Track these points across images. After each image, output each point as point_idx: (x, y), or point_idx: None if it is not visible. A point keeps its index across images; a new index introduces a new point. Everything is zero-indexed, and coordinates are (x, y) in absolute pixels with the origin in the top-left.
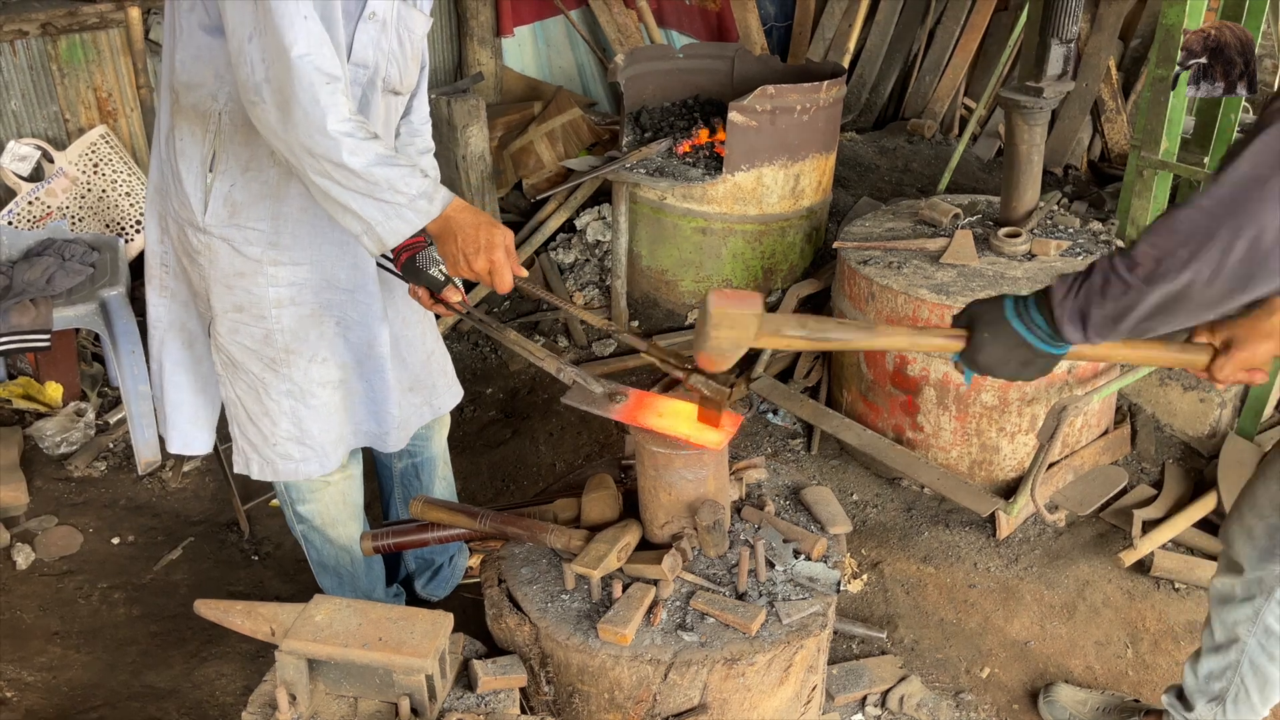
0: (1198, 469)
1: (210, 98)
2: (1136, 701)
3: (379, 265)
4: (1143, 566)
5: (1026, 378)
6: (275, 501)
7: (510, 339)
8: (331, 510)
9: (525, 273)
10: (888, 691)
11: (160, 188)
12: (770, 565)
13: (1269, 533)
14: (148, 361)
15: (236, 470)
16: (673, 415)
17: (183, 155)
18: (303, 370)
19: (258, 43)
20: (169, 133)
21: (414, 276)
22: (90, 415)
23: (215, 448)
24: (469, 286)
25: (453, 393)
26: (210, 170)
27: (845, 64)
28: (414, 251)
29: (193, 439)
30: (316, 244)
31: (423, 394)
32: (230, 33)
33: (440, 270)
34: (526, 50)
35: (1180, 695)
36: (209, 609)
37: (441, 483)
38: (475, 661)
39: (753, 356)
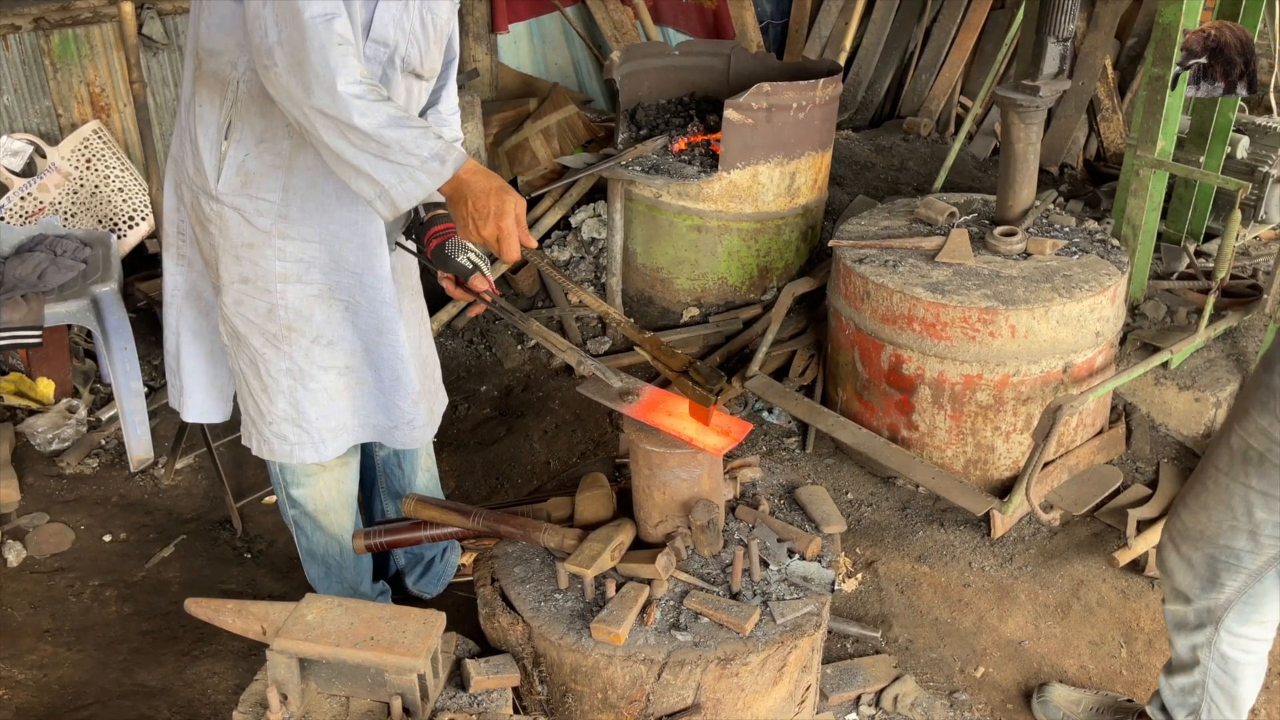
0: (1192, 468)
1: (230, 65)
2: (1130, 701)
3: (403, 249)
4: (1137, 566)
5: None
6: (269, 499)
7: (534, 329)
8: (325, 497)
9: (534, 243)
10: (882, 691)
11: (178, 155)
12: (764, 565)
13: (1207, 562)
14: (164, 330)
15: (241, 442)
16: (682, 416)
17: (201, 121)
18: (304, 350)
19: (271, 6)
20: (190, 99)
21: (442, 263)
22: (82, 412)
23: (208, 444)
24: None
25: (441, 398)
26: (225, 138)
27: (841, 62)
28: (444, 238)
29: (209, 408)
30: (324, 221)
31: (425, 400)
32: None
33: (469, 258)
34: (522, 47)
35: (1163, 708)
36: (200, 608)
37: (424, 474)
38: (468, 661)
39: (748, 355)
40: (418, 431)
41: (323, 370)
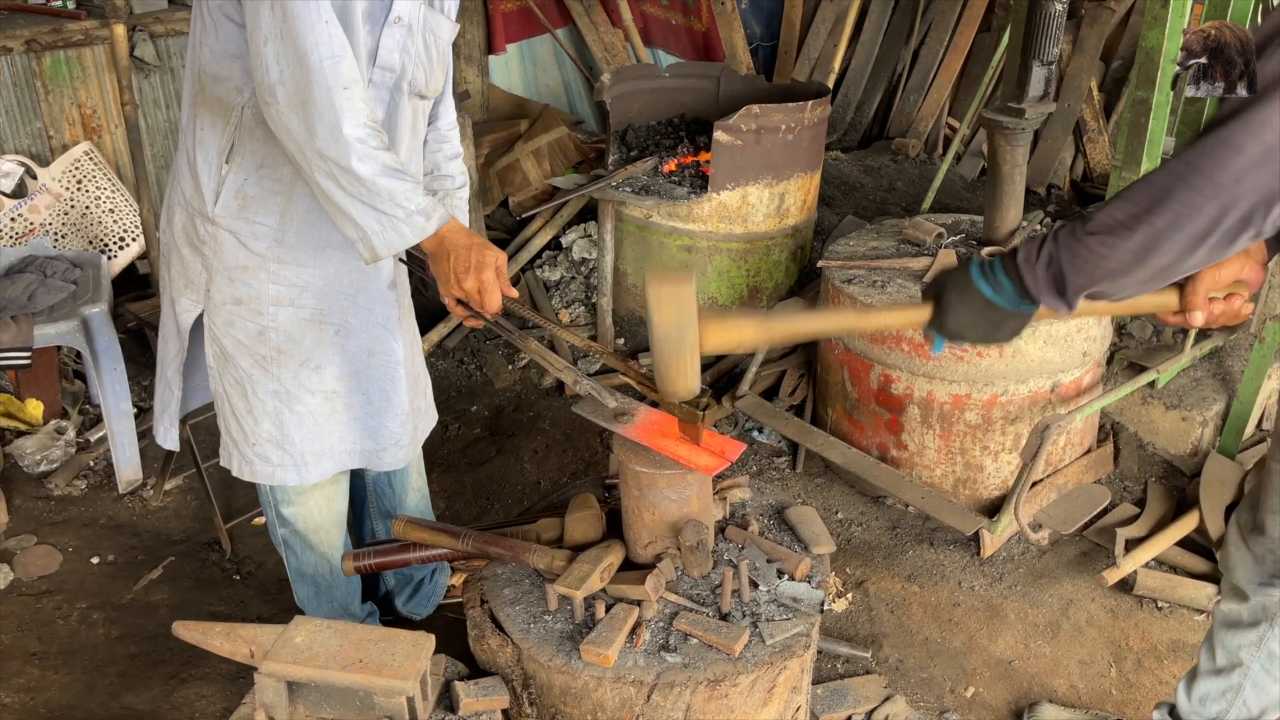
0: (1180, 487)
1: (235, 91)
2: None
3: (405, 266)
4: (1126, 585)
5: (1000, 340)
6: (258, 521)
7: (531, 348)
8: (315, 516)
9: (515, 293)
10: (872, 711)
11: (177, 176)
12: (754, 585)
13: (1269, 557)
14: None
15: (220, 463)
16: (676, 436)
17: (201, 144)
18: (292, 373)
19: (274, 46)
20: (189, 123)
21: None
22: (71, 433)
23: (197, 465)
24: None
25: (430, 417)
26: (226, 162)
27: (830, 84)
28: None
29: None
30: (321, 245)
31: (413, 420)
32: (250, 34)
33: None
34: (513, 68)
35: (1172, 712)
36: (188, 631)
37: (415, 493)
38: (457, 683)
39: (738, 374)
40: (403, 451)
41: (309, 394)
